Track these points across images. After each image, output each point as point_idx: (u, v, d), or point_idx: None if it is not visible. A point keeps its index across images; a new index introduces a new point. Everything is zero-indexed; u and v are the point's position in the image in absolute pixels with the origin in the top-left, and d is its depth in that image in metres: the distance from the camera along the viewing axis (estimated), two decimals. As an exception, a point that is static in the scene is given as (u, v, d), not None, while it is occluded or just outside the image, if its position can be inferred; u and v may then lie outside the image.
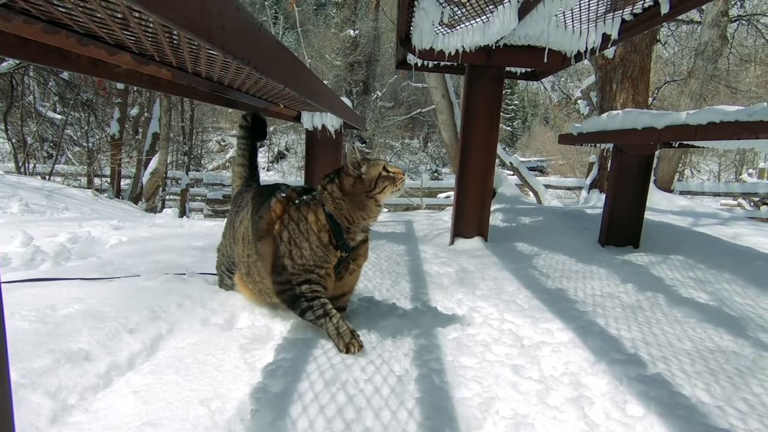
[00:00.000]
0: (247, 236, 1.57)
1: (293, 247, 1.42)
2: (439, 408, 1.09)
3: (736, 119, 1.88)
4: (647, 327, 1.65)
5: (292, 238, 1.43)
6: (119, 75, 1.17)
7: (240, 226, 1.64)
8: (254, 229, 1.53)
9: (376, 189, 1.41)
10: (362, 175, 1.43)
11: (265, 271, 1.50)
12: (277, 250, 1.45)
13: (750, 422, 1.06)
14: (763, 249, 2.92)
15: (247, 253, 1.57)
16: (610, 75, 5.46)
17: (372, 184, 1.41)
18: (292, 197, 1.53)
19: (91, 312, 1.57)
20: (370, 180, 1.42)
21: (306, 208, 1.46)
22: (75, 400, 1.12)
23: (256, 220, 1.53)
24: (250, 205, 1.63)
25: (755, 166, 15.34)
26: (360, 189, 1.42)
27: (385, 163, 1.45)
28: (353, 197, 1.42)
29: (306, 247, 1.41)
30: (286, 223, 1.46)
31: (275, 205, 1.51)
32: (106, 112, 10.10)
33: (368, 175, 1.42)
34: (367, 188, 1.41)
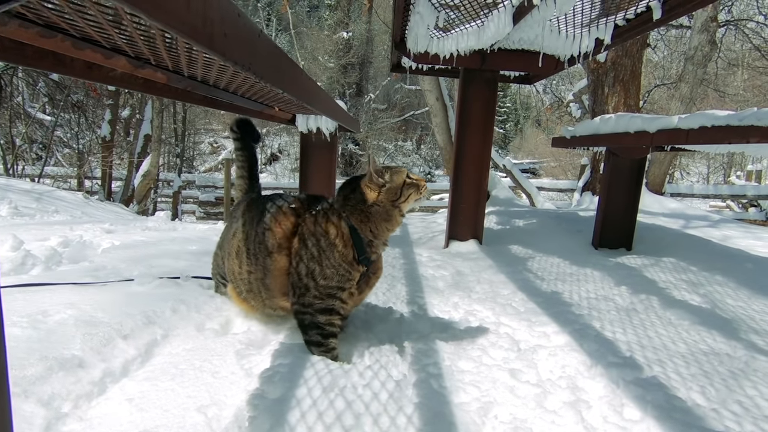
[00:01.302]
0: (243, 251, 1.47)
1: (316, 266, 1.33)
2: (438, 413, 1.09)
3: (727, 124, 1.91)
4: (642, 330, 1.66)
5: (313, 256, 1.33)
6: (114, 79, 1.16)
7: (233, 239, 1.54)
8: (259, 243, 1.42)
9: (401, 197, 1.35)
10: (387, 183, 1.36)
11: (276, 289, 1.41)
12: (296, 268, 1.36)
13: (745, 424, 1.07)
14: (753, 251, 2.97)
15: (247, 270, 1.46)
16: (602, 78, 5.52)
17: (398, 193, 1.35)
18: (301, 208, 1.44)
19: (84, 318, 1.55)
20: (395, 188, 1.35)
21: (326, 222, 1.37)
22: (69, 408, 1.10)
23: (261, 234, 1.42)
24: (244, 218, 1.53)
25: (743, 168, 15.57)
26: (386, 199, 1.35)
27: (407, 170, 1.40)
28: (379, 208, 1.35)
29: (330, 266, 1.32)
30: (305, 238, 1.36)
31: (284, 217, 1.42)
32: (97, 114, 9.99)
33: (393, 183, 1.36)
34: (393, 197, 1.35)
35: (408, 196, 1.36)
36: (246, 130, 1.77)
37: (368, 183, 1.36)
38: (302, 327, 1.37)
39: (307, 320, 1.35)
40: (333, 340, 1.36)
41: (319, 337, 1.34)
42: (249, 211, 1.54)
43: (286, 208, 1.43)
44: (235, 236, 1.52)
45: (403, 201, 1.36)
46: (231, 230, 1.59)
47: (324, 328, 1.34)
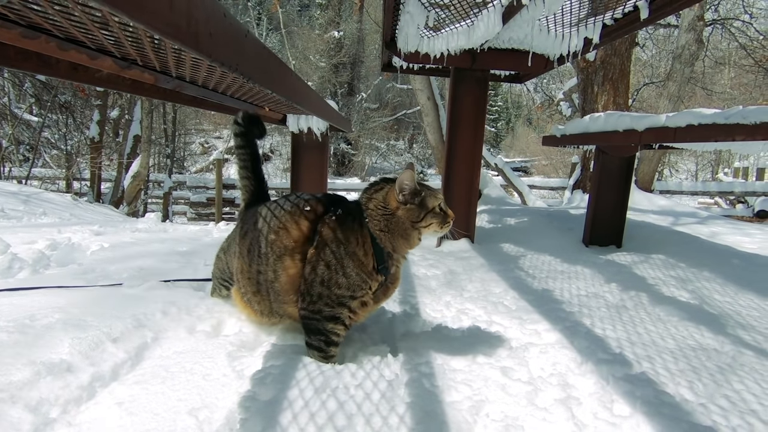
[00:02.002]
0: (255, 249, 1.40)
1: (333, 274, 1.28)
2: (430, 412, 1.09)
3: (713, 122, 1.93)
4: (631, 326, 1.68)
5: (330, 264, 1.28)
6: (101, 80, 1.15)
7: (246, 238, 1.46)
8: (271, 243, 1.35)
9: (423, 222, 1.28)
10: (416, 202, 1.29)
11: (286, 294, 1.35)
12: (310, 274, 1.30)
13: (732, 419, 1.08)
14: (740, 247, 3.01)
15: (257, 269, 1.39)
16: (592, 77, 5.56)
17: (422, 216, 1.28)
18: (318, 210, 1.36)
19: (72, 321, 1.53)
20: (422, 211, 1.28)
21: (346, 228, 1.30)
22: (57, 413, 1.09)
23: (275, 233, 1.36)
24: (257, 218, 1.45)
25: (731, 165, 15.80)
26: (408, 216, 1.28)
27: (441, 198, 1.33)
28: (399, 222, 1.28)
29: (347, 275, 1.28)
30: (324, 245, 1.29)
31: (299, 219, 1.35)
32: (85, 114, 9.87)
33: (423, 205, 1.29)
34: (416, 218, 1.28)
35: (430, 224, 1.29)
36: (252, 125, 1.61)
37: (399, 194, 1.29)
38: (307, 330, 1.34)
39: (313, 325, 1.31)
40: (335, 348, 1.33)
41: (322, 344, 1.31)
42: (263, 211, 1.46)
43: (303, 210, 1.36)
44: (247, 235, 1.45)
45: (425, 226, 1.30)
46: (242, 230, 1.50)
47: (329, 335, 1.31)
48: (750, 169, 12.67)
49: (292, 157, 3.11)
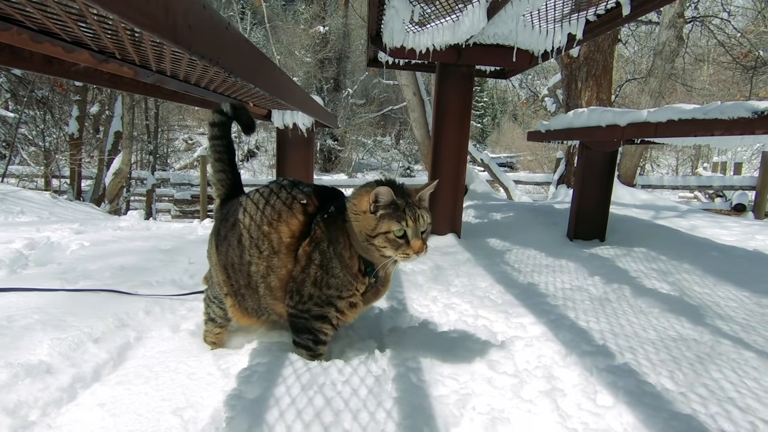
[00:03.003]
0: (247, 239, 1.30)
1: (324, 274, 1.24)
2: (417, 407, 1.10)
3: (692, 117, 1.97)
4: (614, 318, 1.71)
5: (322, 264, 1.24)
6: (77, 73, 1.12)
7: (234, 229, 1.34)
8: (265, 235, 1.28)
9: (375, 239, 1.19)
10: (378, 215, 1.19)
11: (279, 290, 1.30)
12: (300, 273, 1.26)
13: (710, 406, 1.11)
14: (719, 240, 3.09)
15: (248, 260, 1.30)
16: (575, 73, 5.63)
17: (374, 233, 1.19)
18: (315, 203, 1.31)
19: (52, 322, 1.50)
20: (374, 228, 1.19)
21: (335, 228, 1.26)
22: (36, 416, 1.06)
23: (269, 224, 1.28)
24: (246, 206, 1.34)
25: (709, 160, 16.16)
26: (365, 224, 1.21)
27: (409, 224, 1.18)
28: (359, 226, 1.22)
29: (336, 275, 1.25)
30: (316, 243, 1.25)
31: (295, 213, 1.29)
32: (64, 110, 9.61)
33: (378, 222, 1.19)
34: (369, 231, 1.20)
35: (382, 247, 1.19)
36: (240, 117, 1.47)
37: (368, 195, 1.20)
38: (295, 329, 1.31)
39: (301, 324, 1.28)
40: (323, 347, 1.31)
41: (310, 343, 1.29)
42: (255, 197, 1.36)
43: (299, 204, 1.30)
44: (236, 226, 1.33)
45: (376, 244, 1.19)
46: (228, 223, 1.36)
47: (317, 334, 1.28)
48: (728, 163, 12.96)
49: (278, 153, 3.08)
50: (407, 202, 1.21)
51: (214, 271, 1.41)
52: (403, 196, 1.22)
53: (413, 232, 1.20)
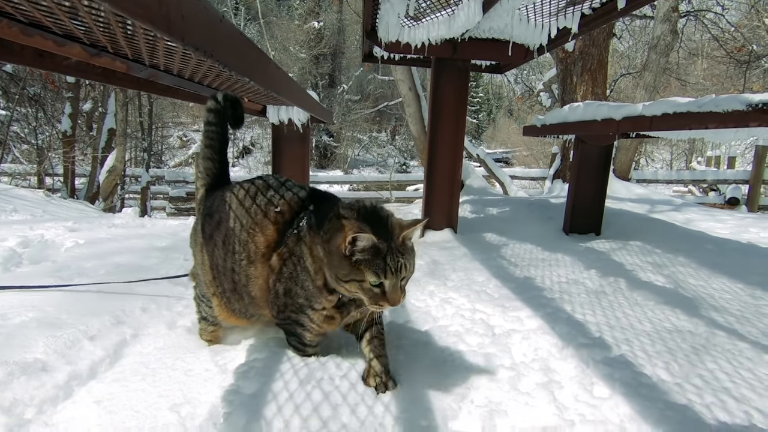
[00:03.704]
0: (231, 244, 1.25)
1: (293, 285, 1.18)
2: (415, 401, 1.10)
3: (687, 110, 1.98)
4: (610, 311, 1.72)
5: (292, 275, 1.17)
6: (69, 68, 1.10)
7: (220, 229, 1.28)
8: (243, 243, 1.22)
9: (347, 285, 1.07)
10: (353, 260, 1.05)
11: (260, 299, 1.25)
12: (274, 283, 1.20)
13: (706, 396, 1.12)
14: (713, 233, 3.11)
15: (231, 267, 1.26)
16: (571, 68, 5.63)
17: (347, 278, 1.06)
18: (292, 208, 1.22)
19: (47, 320, 1.49)
20: (349, 272, 1.06)
21: (305, 241, 1.15)
22: (32, 414, 1.06)
23: (246, 232, 1.22)
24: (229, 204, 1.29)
25: (703, 154, 16.26)
26: (337, 264, 1.07)
27: (388, 277, 1.04)
28: (331, 261, 1.09)
29: (303, 286, 1.17)
30: (288, 252, 1.18)
31: (274, 217, 1.21)
32: (56, 107, 9.52)
33: (353, 268, 1.05)
34: (341, 273, 1.07)
35: (354, 292, 1.08)
36: (232, 107, 1.43)
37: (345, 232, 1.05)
38: (285, 332, 1.29)
39: (286, 329, 1.26)
40: (311, 348, 1.27)
41: (298, 345, 1.26)
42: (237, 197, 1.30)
43: (278, 208, 1.22)
44: (222, 225, 1.28)
45: (347, 289, 1.08)
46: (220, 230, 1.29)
47: (301, 338, 1.24)
48: (722, 158, 13.04)
49: (273, 149, 3.07)
50: (389, 247, 1.05)
51: (201, 269, 1.36)
52: (385, 235, 1.06)
53: (392, 285, 1.05)
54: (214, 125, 1.41)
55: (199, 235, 1.37)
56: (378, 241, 1.04)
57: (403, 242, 1.09)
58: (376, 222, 1.07)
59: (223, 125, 1.43)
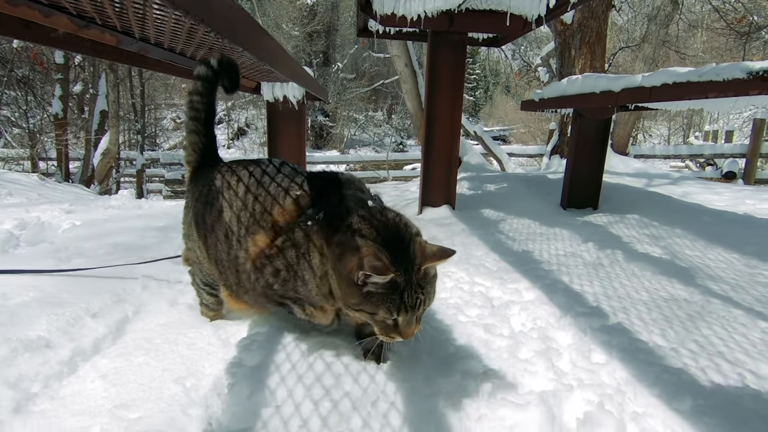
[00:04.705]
0: (235, 234, 1.14)
1: (287, 276, 1.06)
2: (416, 370, 1.12)
3: (687, 80, 1.96)
4: (608, 282, 1.73)
5: (291, 267, 1.04)
6: (57, 40, 1.07)
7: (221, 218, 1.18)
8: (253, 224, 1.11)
9: (357, 312, 0.97)
10: (364, 292, 0.93)
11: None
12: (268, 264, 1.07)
13: (701, 360, 1.14)
14: (710, 205, 3.12)
15: (235, 256, 1.15)
16: (569, 41, 5.54)
17: (358, 308, 0.95)
18: (303, 201, 1.08)
19: (47, 299, 1.49)
20: (358, 303, 0.94)
21: (314, 241, 1.02)
22: (38, 388, 1.07)
23: (252, 224, 1.10)
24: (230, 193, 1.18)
25: (701, 129, 16.19)
26: (346, 291, 0.95)
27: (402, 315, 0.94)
28: (339, 281, 0.97)
29: (303, 284, 1.05)
30: (290, 244, 1.04)
31: (286, 205, 1.08)
32: (46, 90, 9.35)
33: (366, 300, 0.93)
34: (349, 301, 0.96)
35: (364, 322, 1.01)
36: (227, 73, 1.31)
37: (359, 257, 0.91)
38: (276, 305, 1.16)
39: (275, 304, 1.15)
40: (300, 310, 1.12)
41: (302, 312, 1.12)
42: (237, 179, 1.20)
43: (291, 195, 1.09)
44: (222, 216, 1.17)
45: (357, 315, 0.99)
46: (212, 212, 1.20)
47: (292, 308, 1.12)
48: (719, 132, 12.99)
49: (268, 127, 3.03)
50: (408, 281, 0.92)
51: (202, 261, 1.30)
52: (405, 263, 0.92)
53: (406, 321, 0.95)
54: (201, 95, 1.30)
55: (194, 230, 1.29)
56: (396, 275, 0.90)
57: (425, 273, 0.97)
58: (397, 245, 0.94)
59: (212, 94, 1.32)
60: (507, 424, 0.94)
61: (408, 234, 0.98)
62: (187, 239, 1.39)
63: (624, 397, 1.01)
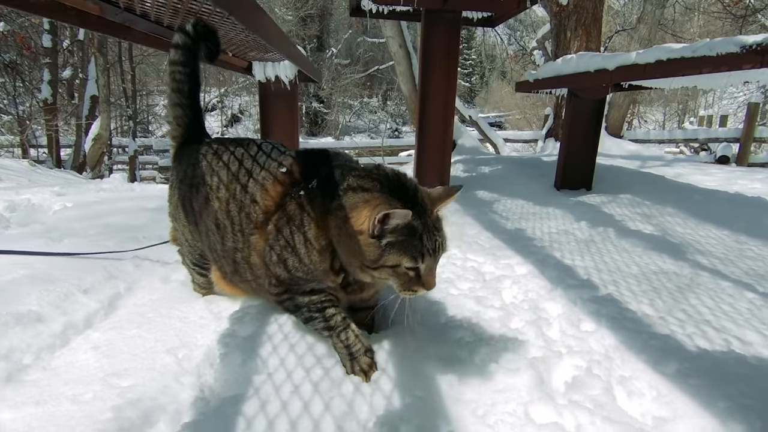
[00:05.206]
0: (227, 222, 1.10)
1: (290, 256, 1.00)
2: (408, 340, 1.13)
3: (681, 56, 1.95)
4: (599, 257, 1.75)
5: (288, 245, 0.99)
6: (39, 7, 1.05)
7: (209, 208, 1.13)
8: (245, 215, 1.07)
9: (376, 271, 0.92)
10: (381, 238, 0.89)
11: (259, 274, 1.08)
12: (270, 251, 1.02)
13: (687, 327, 1.16)
14: (702, 185, 3.13)
15: (233, 246, 1.10)
16: (565, 23, 5.49)
17: (377, 264, 0.91)
18: (295, 175, 1.04)
19: (38, 276, 1.48)
20: (379, 257, 0.90)
21: (312, 211, 0.97)
22: (30, 360, 1.07)
23: (248, 203, 1.06)
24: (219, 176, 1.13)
25: (696, 114, 16.21)
26: (362, 247, 0.90)
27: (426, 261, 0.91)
28: (351, 243, 0.92)
29: (303, 261, 0.99)
30: (286, 221, 1.00)
31: (273, 185, 1.04)
32: (35, 75, 9.18)
33: (385, 252, 0.89)
34: (367, 260, 0.90)
35: (386, 278, 0.93)
36: (205, 38, 1.24)
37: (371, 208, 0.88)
38: (291, 312, 1.08)
39: (289, 306, 1.06)
40: (322, 313, 1.02)
41: (307, 314, 1.03)
42: (221, 164, 1.14)
43: (279, 173, 1.05)
44: (210, 203, 1.12)
45: (377, 275, 0.93)
46: (200, 193, 1.16)
47: (309, 306, 1.03)
48: (714, 117, 13.02)
49: (261, 108, 3.00)
50: (424, 224, 0.90)
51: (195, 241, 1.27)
52: (417, 210, 0.90)
53: (428, 269, 0.92)
54: (181, 64, 1.23)
55: (180, 212, 1.26)
56: (412, 217, 0.87)
57: (437, 216, 0.97)
58: (403, 194, 0.92)
59: (194, 63, 1.25)
60: (497, 388, 0.95)
61: (411, 183, 0.97)
62: (174, 220, 1.37)
63: (612, 363, 1.03)
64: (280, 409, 0.88)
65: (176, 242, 1.44)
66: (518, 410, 0.88)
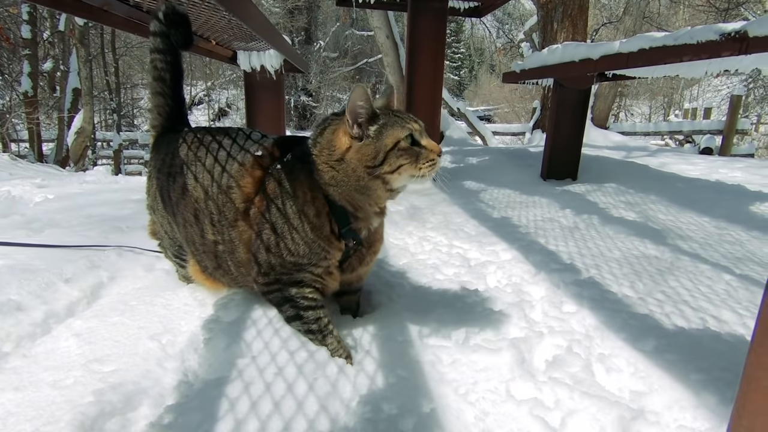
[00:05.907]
0: (206, 214, 1.08)
1: (279, 239, 0.98)
2: (391, 319, 1.13)
3: (663, 44, 1.97)
4: (582, 242, 1.77)
5: (276, 226, 0.99)
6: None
7: (188, 199, 1.12)
8: (222, 204, 1.05)
9: (384, 165, 0.91)
10: (372, 134, 0.92)
11: (246, 263, 1.07)
12: (256, 238, 1.02)
13: (666, 307, 1.19)
14: (685, 174, 3.19)
15: (213, 240, 1.09)
16: (551, 14, 5.51)
17: (380, 157, 0.91)
18: (274, 154, 1.05)
19: (18, 266, 1.46)
20: (377, 150, 0.91)
21: (293, 179, 0.99)
22: (10, 348, 1.06)
23: (224, 193, 1.05)
24: (196, 166, 1.12)
25: (681, 107, 16.43)
26: (360, 159, 0.92)
27: (413, 125, 0.94)
28: (348, 171, 0.94)
29: (296, 240, 0.98)
30: (268, 201, 1.00)
31: (250, 167, 1.04)
32: (14, 67, 8.96)
33: (378, 140, 0.91)
34: (370, 161, 0.91)
35: (398, 167, 0.91)
36: (176, 25, 1.22)
37: (342, 127, 0.94)
38: (276, 305, 1.07)
39: (276, 297, 1.04)
40: (312, 312, 1.02)
41: (293, 311, 1.02)
42: (199, 153, 1.13)
43: (254, 155, 1.05)
44: (188, 193, 1.11)
45: (388, 171, 0.92)
46: (177, 183, 1.14)
47: (296, 299, 1.02)
48: (698, 110, 13.21)
49: (246, 98, 2.97)
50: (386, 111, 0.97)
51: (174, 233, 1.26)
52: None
53: (421, 134, 0.96)
54: (162, 52, 1.21)
55: (159, 203, 1.24)
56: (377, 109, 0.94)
57: None
58: None
59: (174, 53, 1.24)
60: (479, 367, 0.96)
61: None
62: (152, 211, 1.34)
63: (592, 342, 1.05)
64: (264, 390, 0.88)
65: (156, 236, 1.42)
66: (499, 387, 0.90)
